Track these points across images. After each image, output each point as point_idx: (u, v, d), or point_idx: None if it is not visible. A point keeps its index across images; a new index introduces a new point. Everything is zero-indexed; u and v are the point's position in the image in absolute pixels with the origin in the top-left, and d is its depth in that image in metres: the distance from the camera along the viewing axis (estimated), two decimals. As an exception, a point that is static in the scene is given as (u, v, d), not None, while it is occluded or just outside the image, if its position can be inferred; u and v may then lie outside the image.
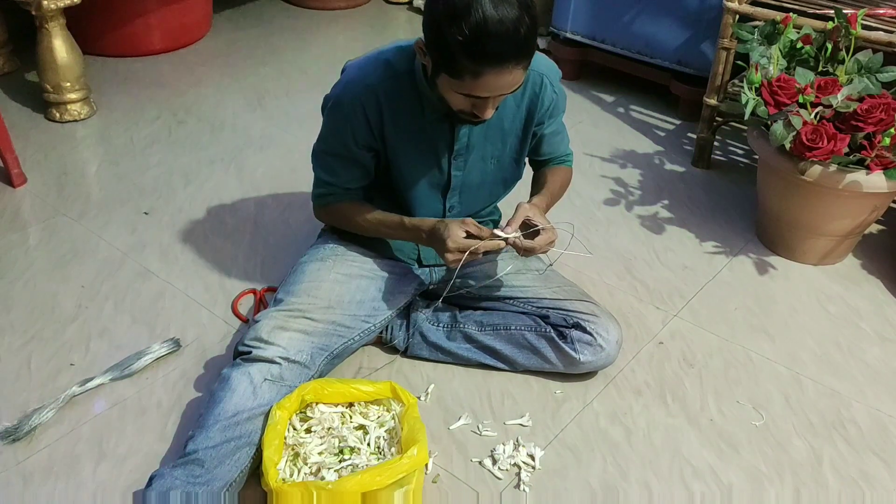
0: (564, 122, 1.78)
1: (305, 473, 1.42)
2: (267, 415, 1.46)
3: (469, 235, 1.56)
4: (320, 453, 1.46)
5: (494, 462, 1.55)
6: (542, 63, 1.64)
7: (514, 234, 1.57)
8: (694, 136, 2.67)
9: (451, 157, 1.65)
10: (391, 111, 1.57)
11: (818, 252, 2.15)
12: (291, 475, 1.42)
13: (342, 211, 1.71)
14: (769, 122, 2.01)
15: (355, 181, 1.68)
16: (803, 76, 2.04)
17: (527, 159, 1.80)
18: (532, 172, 1.85)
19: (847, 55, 2.07)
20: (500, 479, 1.53)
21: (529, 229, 1.59)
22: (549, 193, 1.73)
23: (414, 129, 1.60)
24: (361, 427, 1.52)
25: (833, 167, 1.94)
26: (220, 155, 2.56)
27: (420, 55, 1.46)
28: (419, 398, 1.68)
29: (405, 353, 1.78)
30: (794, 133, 1.94)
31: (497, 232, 1.57)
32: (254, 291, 1.96)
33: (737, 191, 2.50)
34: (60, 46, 2.55)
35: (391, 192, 1.71)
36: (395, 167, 1.66)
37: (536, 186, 1.79)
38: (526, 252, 1.59)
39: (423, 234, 1.62)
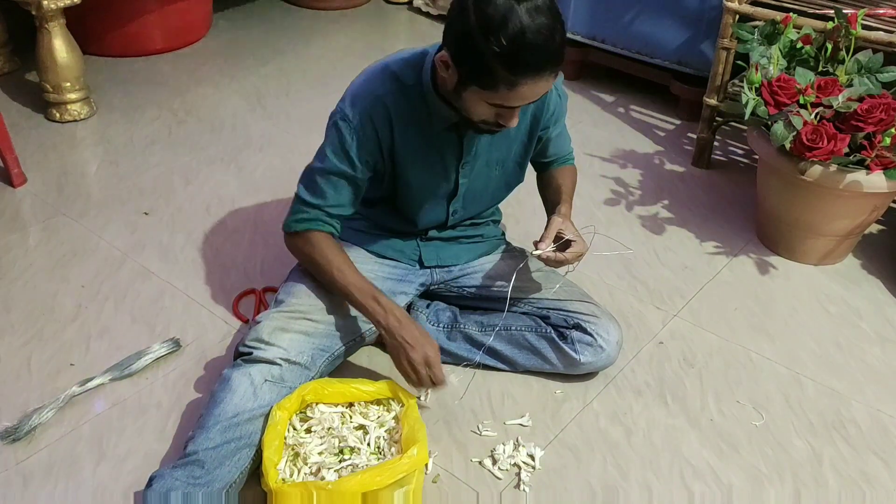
0: (565, 122, 1.78)
1: (305, 473, 1.42)
2: (267, 416, 1.46)
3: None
4: (320, 453, 1.46)
5: (494, 462, 1.55)
6: None
7: (549, 248, 1.58)
8: (694, 136, 2.67)
9: (459, 166, 1.64)
10: (400, 123, 1.55)
11: (818, 252, 2.15)
12: (291, 475, 1.42)
13: (318, 243, 1.60)
14: (769, 122, 2.01)
15: (341, 207, 1.61)
16: (803, 76, 2.04)
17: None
18: (535, 173, 1.85)
19: (847, 55, 2.07)
20: (500, 479, 1.53)
21: (560, 241, 1.60)
22: (570, 198, 1.75)
23: (422, 141, 1.59)
24: (361, 427, 1.52)
25: (833, 167, 1.94)
26: (220, 155, 2.56)
27: (441, 69, 1.42)
28: (419, 398, 1.68)
29: (405, 354, 1.78)
30: (795, 133, 1.94)
31: (536, 253, 1.58)
32: (254, 291, 1.96)
33: (737, 191, 2.50)
34: (60, 46, 2.55)
35: (393, 199, 1.70)
36: (403, 179, 1.63)
37: (550, 191, 1.78)
38: (557, 264, 1.60)
39: (391, 323, 1.55)
